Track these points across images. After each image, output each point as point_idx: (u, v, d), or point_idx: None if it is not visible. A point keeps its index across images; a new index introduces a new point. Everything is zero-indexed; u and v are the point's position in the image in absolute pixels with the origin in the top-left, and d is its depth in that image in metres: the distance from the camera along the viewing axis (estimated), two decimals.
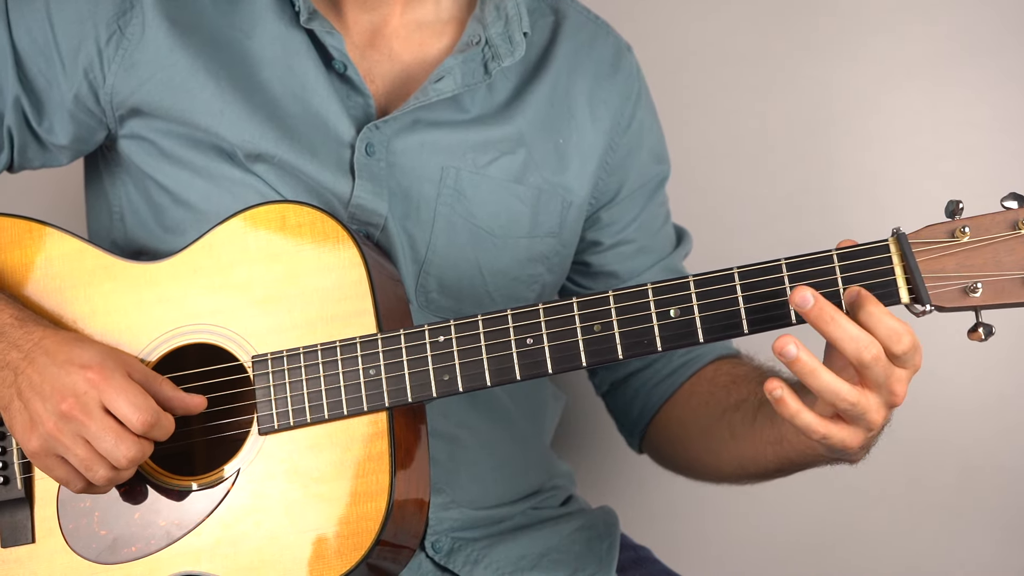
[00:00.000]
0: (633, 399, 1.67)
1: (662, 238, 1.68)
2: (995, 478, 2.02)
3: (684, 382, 1.62)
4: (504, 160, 1.54)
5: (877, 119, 2.05)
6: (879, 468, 2.02)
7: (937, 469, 2.03)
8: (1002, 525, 2.02)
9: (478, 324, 1.32)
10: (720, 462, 1.56)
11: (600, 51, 1.64)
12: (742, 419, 1.49)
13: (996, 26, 2.00)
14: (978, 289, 1.22)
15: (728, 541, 2.11)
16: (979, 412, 2.01)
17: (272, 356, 1.37)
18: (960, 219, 1.25)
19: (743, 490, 1.84)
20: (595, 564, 1.54)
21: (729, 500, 2.08)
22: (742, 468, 1.53)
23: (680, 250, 1.69)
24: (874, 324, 1.19)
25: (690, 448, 1.61)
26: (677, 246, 1.70)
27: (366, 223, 1.48)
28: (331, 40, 1.48)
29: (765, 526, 2.09)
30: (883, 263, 1.24)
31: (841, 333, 1.19)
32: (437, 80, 1.49)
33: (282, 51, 1.48)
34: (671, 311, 1.28)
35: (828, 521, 2.08)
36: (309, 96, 1.48)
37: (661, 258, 1.67)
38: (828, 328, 1.19)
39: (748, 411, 1.47)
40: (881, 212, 2.04)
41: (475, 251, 1.53)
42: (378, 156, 1.48)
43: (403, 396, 1.33)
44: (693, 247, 1.73)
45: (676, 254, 1.69)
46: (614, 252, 1.65)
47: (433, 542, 1.48)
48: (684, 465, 1.68)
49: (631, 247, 1.66)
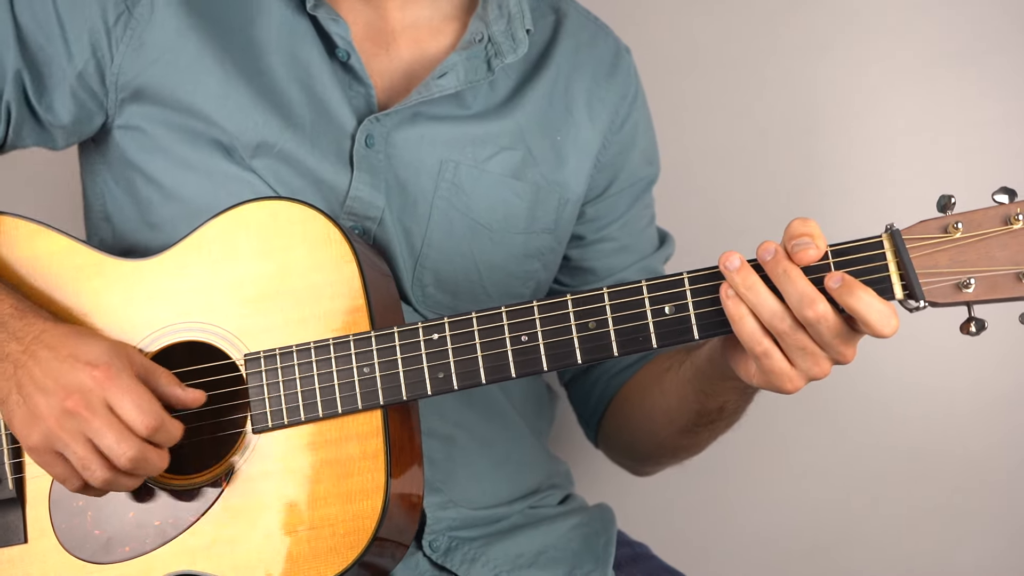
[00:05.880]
0: (592, 389, 1.73)
1: (645, 239, 1.74)
2: (995, 478, 2.06)
3: (638, 372, 1.66)
4: (503, 155, 1.58)
5: (876, 119, 2.09)
6: (879, 468, 2.07)
7: (937, 469, 2.08)
8: (1002, 525, 2.07)
9: (472, 322, 1.34)
10: (656, 425, 1.62)
11: (600, 51, 1.69)
12: (671, 376, 1.55)
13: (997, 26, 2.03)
14: (971, 284, 1.25)
15: (725, 538, 2.16)
16: (979, 412, 2.05)
17: (265, 354, 1.39)
18: (952, 214, 1.27)
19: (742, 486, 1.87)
20: (592, 561, 1.57)
21: (727, 497, 2.13)
22: (671, 422, 1.58)
23: (661, 252, 1.75)
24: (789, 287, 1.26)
25: (633, 426, 1.68)
26: (659, 248, 1.73)
27: (363, 216, 1.50)
28: (335, 28, 1.51)
29: (763, 523, 2.14)
30: (877, 259, 1.27)
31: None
32: (440, 76, 1.53)
33: (288, 37, 1.51)
34: (666, 308, 1.30)
35: (826, 519, 2.12)
36: (313, 83, 1.52)
37: (641, 258, 1.72)
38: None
39: (675, 366, 1.54)
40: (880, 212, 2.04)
41: (471, 246, 1.56)
42: (377, 148, 1.50)
43: (398, 394, 1.35)
44: (691, 247, 1.75)
45: (657, 256, 1.74)
46: (595, 248, 1.69)
47: (430, 541, 1.50)
48: (628, 446, 1.74)
49: (612, 244, 1.70)
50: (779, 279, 1.26)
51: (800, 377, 1.29)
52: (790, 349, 1.27)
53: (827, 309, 1.24)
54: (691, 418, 1.55)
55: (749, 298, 1.26)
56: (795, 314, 1.25)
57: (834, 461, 2.09)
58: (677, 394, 1.54)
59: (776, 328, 1.26)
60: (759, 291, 1.26)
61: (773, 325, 1.26)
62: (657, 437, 1.64)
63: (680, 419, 1.57)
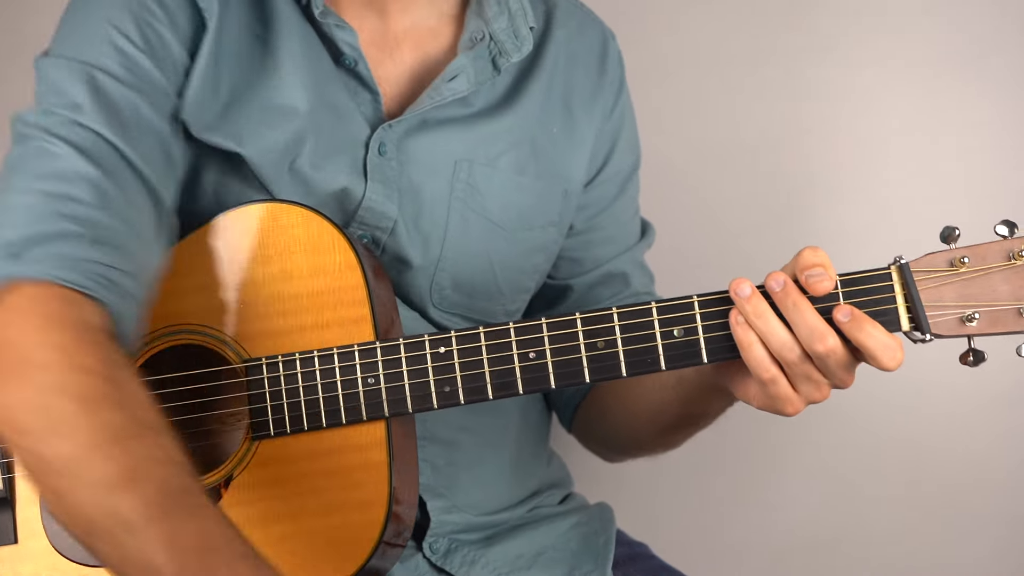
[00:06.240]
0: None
1: (630, 229, 1.75)
2: (995, 478, 2.10)
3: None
4: (512, 152, 1.59)
5: (875, 118, 2.11)
6: (879, 468, 2.11)
7: (937, 469, 2.11)
8: (1002, 525, 2.10)
9: (480, 336, 1.35)
10: (636, 422, 1.63)
11: (589, 40, 1.69)
12: (653, 378, 1.56)
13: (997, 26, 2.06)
14: (975, 319, 1.27)
15: (725, 537, 2.18)
16: (979, 412, 2.08)
17: (267, 361, 1.37)
18: (958, 247, 1.30)
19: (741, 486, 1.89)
20: (592, 561, 1.59)
21: (726, 496, 2.15)
22: (653, 421, 1.60)
23: (644, 242, 1.76)
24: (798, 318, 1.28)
25: (611, 420, 1.68)
26: (641, 238, 1.74)
27: (374, 226, 1.49)
28: (343, 35, 1.50)
29: (763, 523, 2.17)
30: (885, 291, 1.30)
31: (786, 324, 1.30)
32: (451, 79, 1.52)
33: (301, 45, 1.45)
34: (675, 331, 1.31)
35: (826, 519, 2.16)
36: (325, 92, 1.50)
37: (626, 249, 1.73)
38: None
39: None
40: (880, 212, 2.09)
41: (487, 246, 1.57)
42: (389, 156, 1.49)
43: (403, 407, 1.36)
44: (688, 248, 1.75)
45: (640, 246, 1.75)
46: (582, 238, 1.70)
47: (431, 543, 1.50)
48: (604, 438, 1.75)
49: (600, 235, 1.71)
50: (789, 311, 1.28)
51: (801, 401, 1.32)
52: (795, 377, 1.30)
53: (836, 343, 1.26)
54: (672, 420, 1.57)
55: (759, 326, 1.28)
56: (804, 346, 1.27)
57: (834, 460, 2.12)
58: (659, 396, 1.56)
59: (784, 357, 1.29)
60: (769, 320, 1.28)
61: (782, 355, 1.28)
62: (636, 433, 1.66)
63: (661, 420, 1.59)
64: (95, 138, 1.33)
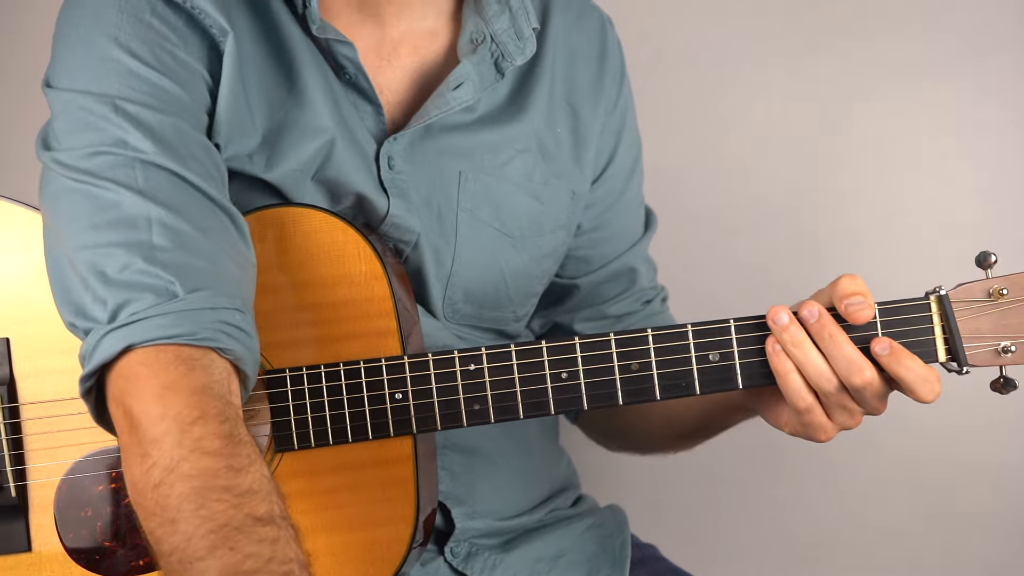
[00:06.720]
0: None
1: (636, 222, 1.73)
2: (995, 478, 2.12)
3: None
4: (518, 159, 1.56)
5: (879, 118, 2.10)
6: (879, 468, 2.12)
7: (937, 469, 2.13)
8: (1002, 525, 2.13)
9: (511, 355, 1.33)
10: (651, 426, 1.63)
11: (588, 29, 1.65)
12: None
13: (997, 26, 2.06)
14: (1011, 351, 1.27)
15: (733, 538, 2.20)
16: (979, 412, 2.09)
17: (291, 373, 1.34)
18: (995, 277, 1.30)
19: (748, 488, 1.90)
20: (609, 564, 1.60)
21: (734, 498, 2.17)
22: (668, 427, 1.60)
23: (649, 234, 1.74)
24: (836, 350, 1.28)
25: (626, 419, 1.68)
26: (646, 230, 1.74)
27: (398, 240, 1.46)
28: (344, 50, 1.44)
29: (770, 524, 2.19)
30: (923, 322, 1.30)
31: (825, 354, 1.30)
32: (456, 87, 1.47)
33: (313, 61, 1.40)
34: (710, 355, 1.30)
35: (832, 520, 2.18)
36: (341, 108, 1.42)
37: (633, 243, 1.71)
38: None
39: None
40: (880, 212, 2.08)
41: (497, 256, 1.55)
42: (398, 168, 1.44)
43: (431, 423, 1.35)
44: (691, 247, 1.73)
45: (645, 238, 1.73)
46: (590, 236, 1.68)
47: (452, 547, 1.50)
48: (612, 432, 1.75)
49: (607, 232, 1.69)
50: (825, 343, 1.28)
51: (834, 429, 1.33)
52: (831, 406, 1.30)
53: (874, 376, 1.27)
54: (688, 429, 1.58)
55: (796, 356, 1.28)
56: (840, 378, 1.27)
57: (841, 462, 2.13)
58: (678, 407, 1.56)
59: (821, 387, 1.29)
60: (807, 350, 1.28)
61: (819, 385, 1.28)
62: (647, 435, 1.67)
63: (676, 426, 1.59)
64: (149, 171, 1.27)
